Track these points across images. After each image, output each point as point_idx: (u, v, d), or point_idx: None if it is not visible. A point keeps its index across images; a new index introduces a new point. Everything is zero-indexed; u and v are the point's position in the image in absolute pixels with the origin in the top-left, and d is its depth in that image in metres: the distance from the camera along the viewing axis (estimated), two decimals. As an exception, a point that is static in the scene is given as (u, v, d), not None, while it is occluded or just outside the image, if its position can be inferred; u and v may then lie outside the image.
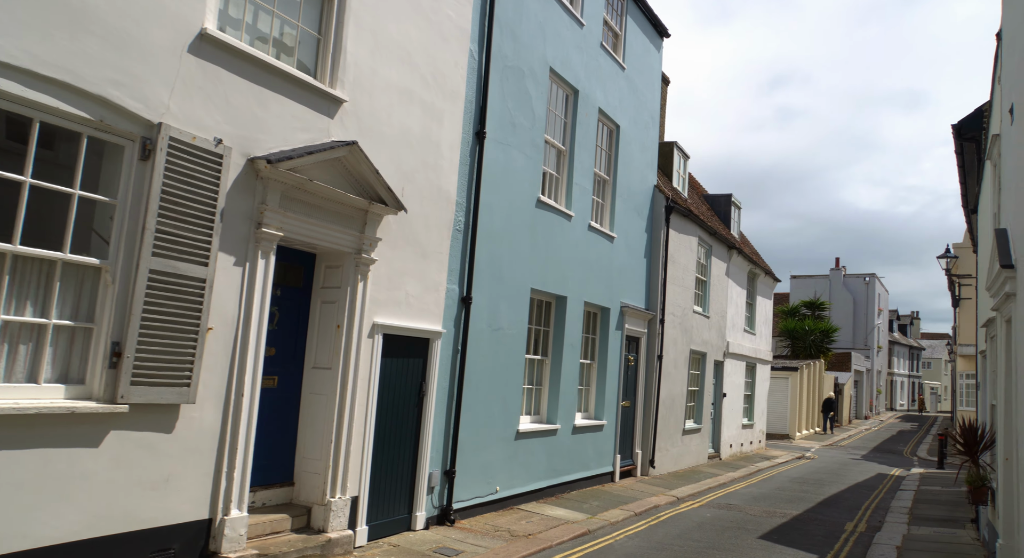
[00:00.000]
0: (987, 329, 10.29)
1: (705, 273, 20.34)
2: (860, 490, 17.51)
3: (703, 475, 17.85)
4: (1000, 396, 8.55)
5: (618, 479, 15.29)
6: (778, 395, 32.67)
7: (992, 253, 8.65)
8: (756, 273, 25.33)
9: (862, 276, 58.06)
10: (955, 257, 30.36)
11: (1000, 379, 8.63)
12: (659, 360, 16.81)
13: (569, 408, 13.31)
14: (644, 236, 16.62)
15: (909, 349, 76.91)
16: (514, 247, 11.48)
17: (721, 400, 21.85)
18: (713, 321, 20.76)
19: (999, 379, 8.77)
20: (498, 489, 11.23)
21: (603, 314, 14.88)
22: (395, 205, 8.51)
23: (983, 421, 11.23)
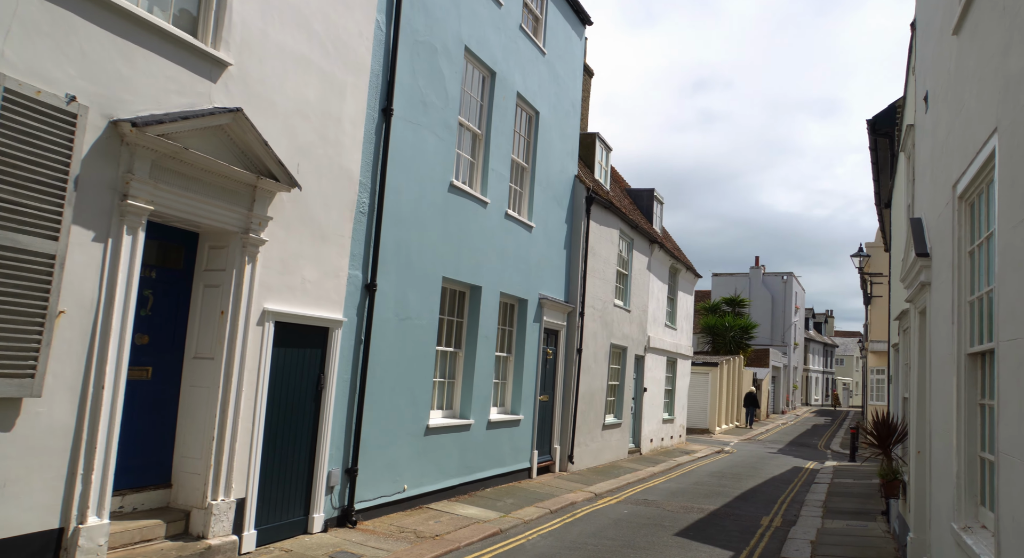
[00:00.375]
0: (900, 322, 10.23)
1: (626, 267, 20.12)
2: (776, 484, 17.53)
3: (623, 470, 17.59)
4: (913, 389, 8.42)
5: (535, 475, 14.85)
6: (699, 390, 32.92)
7: (907, 243, 8.51)
8: (678, 268, 25.33)
9: (780, 275, 59.45)
10: (867, 256, 31.11)
11: (913, 372, 8.51)
12: (579, 354, 16.46)
13: (484, 402, 12.79)
14: (564, 227, 16.22)
15: (824, 346, 79.29)
16: (424, 233, 10.88)
17: (642, 395, 21.70)
18: (634, 315, 20.57)
19: (912, 372, 8.66)
20: (406, 488, 10.62)
21: (520, 306, 14.41)
22: (287, 181, 7.81)
23: (895, 414, 11.18)
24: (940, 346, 6.51)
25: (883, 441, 8.73)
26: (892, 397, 11.83)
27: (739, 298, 44.24)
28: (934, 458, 6.72)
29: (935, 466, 6.67)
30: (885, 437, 8.80)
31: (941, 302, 6.46)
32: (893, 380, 11.75)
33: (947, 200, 6.20)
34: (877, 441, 8.76)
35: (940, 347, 6.51)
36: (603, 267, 17.92)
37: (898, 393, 11.04)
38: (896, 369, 11.53)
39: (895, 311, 11.65)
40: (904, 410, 9.74)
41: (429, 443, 11.17)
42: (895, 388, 11.60)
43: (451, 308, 12.27)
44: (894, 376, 11.60)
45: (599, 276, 17.64)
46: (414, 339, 10.70)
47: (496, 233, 13.07)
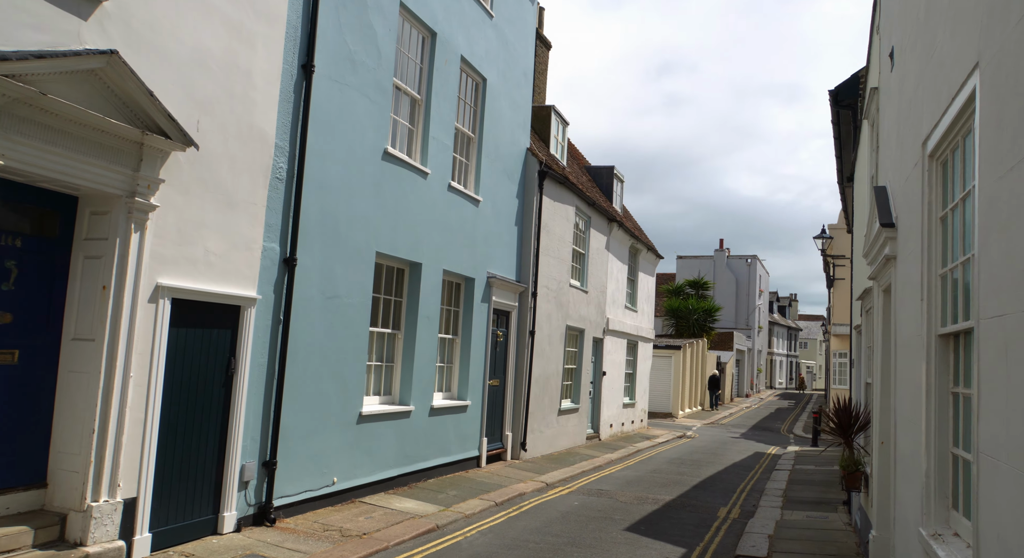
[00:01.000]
0: (863, 302, 9.58)
1: (583, 245, 19.38)
2: (737, 471, 16.99)
3: (579, 457, 16.92)
4: (876, 374, 7.76)
5: (485, 464, 14.10)
6: (661, 373, 32.44)
7: (870, 215, 7.82)
8: (638, 248, 24.67)
9: (744, 258, 59.28)
10: (830, 238, 30.68)
11: (876, 355, 7.85)
12: (531, 336, 15.70)
13: (426, 387, 11.98)
14: (515, 202, 15.40)
15: (788, 330, 79.64)
16: (355, 203, 10.00)
17: (601, 379, 21.05)
18: (592, 296, 19.86)
19: (875, 355, 8.00)
20: (335, 481, 9.79)
21: (467, 285, 13.59)
22: (180, 139, 6.88)
23: (857, 400, 10.57)
24: (907, 327, 5.82)
25: (844, 429, 8.08)
26: (854, 382, 11.23)
27: (703, 280, 43.83)
28: (899, 451, 6.05)
29: (900, 460, 6.00)
30: (846, 425, 8.15)
31: (908, 277, 5.77)
32: (855, 364, 11.14)
33: (916, 160, 5.48)
34: (838, 429, 8.12)
35: (907, 328, 5.82)
36: (558, 245, 17.15)
37: (860, 378, 10.43)
38: (858, 352, 10.91)
39: (857, 291, 11.02)
40: (867, 396, 9.11)
41: (363, 432, 10.35)
42: (857, 372, 10.98)
43: (388, 286, 11.41)
44: (856, 360, 10.99)
45: (553, 255, 16.88)
46: (344, 319, 9.84)
47: (438, 206, 12.22)
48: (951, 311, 4.67)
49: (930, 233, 5.03)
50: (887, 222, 6.38)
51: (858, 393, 10.46)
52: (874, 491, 7.52)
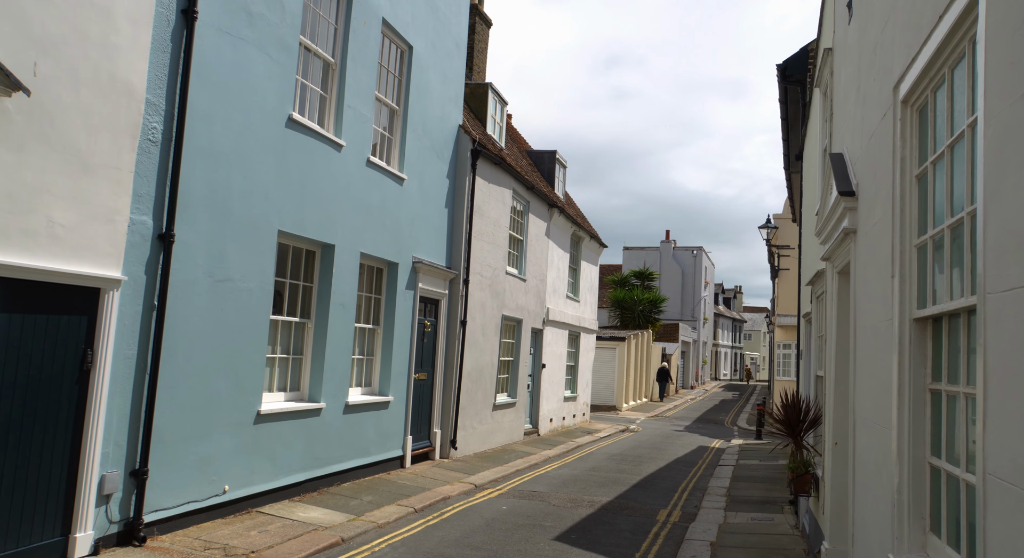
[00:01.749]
0: (813, 287, 8.77)
1: (521, 231, 18.39)
2: (679, 467, 16.23)
3: (514, 455, 15.96)
4: (829, 366, 6.93)
5: (410, 465, 13.03)
6: (605, 366, 31.72)
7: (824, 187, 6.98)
8: (580, 236, 23.79)
9: (690, 249, 59.12)
10: (775, 228, 30.32)
11: (830, 345, 7.02)
12: (463, 326, 14.65)
13: (340, 382, 10.85)
14: (446, 183, 14.32)
15: (733, 321, 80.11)
16: (252, 175, 8.81)
17: (540, 371, 20.12)
18: (531, 285, 18.89)
19: (828, 345, 7.18)
20: (227, 489, 8.61)
21: (390, 270, 12.48)
22: (2, 81, 5.64)
23: (806, 394, 9.78)
24: (870, 311, 4.94)
25: (792, 427, 7.26)
26: (803, 374, 10.44)
27: (648, 271, 43.31)
28: (859, 456, 5.18)
29: (860, 466, 5.13)
30: (795, 422, 7.33)
31: (872, 252, 4.88)
32: (804, 355, 10.34)
33: (884, 110, 4.59)
34: (785, 427, 7.30)
35: (870, 312, 4.94)
36: (493, 230, 16.13)
37: (810, 370, 9.65)
38: (807, 343, 10.12)
39: (807, 276, 10.23)
40: (818, 390, 8.32)
41: (262, 433, 9.19)
42: (806, 364, 10.20)
43: (296, 270, 10.24)
44: (805, 350, 10.21)
45: (488, 240, 15.85)
46: (239, 306, 8.66)
47: (355, 183, 11.07)
48: (931, 289, 3.78)
49: (903, 196, 4.13)
50: (846, 190, 5.50)
51: (807, 386, 9.68)
52: (826, 497, 6.69)
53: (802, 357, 10.33)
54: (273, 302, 9.67)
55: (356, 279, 11.18)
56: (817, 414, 7.35)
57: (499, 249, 16.49)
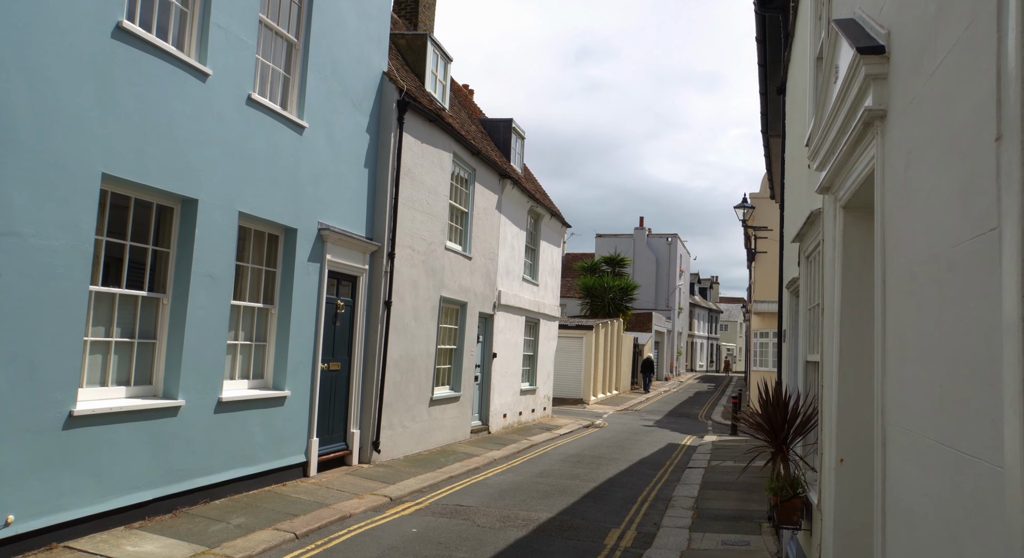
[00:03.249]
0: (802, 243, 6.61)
1: (465, 202, 16.19)
2: (643, 469, 14.15)
3: (453, 457, 13.80)
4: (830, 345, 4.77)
5: (315, 473, 10.82)
6: (571, 356, 29.66)
7: (821, 89, 4.84)
8: (540, 213, 21.62)
9: (665, 237, 57.21)
10: (751, 207, 28.41)
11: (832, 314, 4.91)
12: (387, 307, 12.45)
13: (209, 373, 8.62)
14: (365, 138, 12.08)
15: (709, 312, 78.47)
16: (58, 97, 6.54)
17: (491, 361, 17.96)
18: (478, 264, 16.71)
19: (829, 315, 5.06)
20: (10, 520, 6.35)
21: (287, 238, 10.25)
22: None
23: (790, 387, 7.67)
24: (929, 236, 2.79)
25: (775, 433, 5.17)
26: (786, 361, 8.26)
27: (619, 257, 41.23)
28: (898, 492, 3.04)
29: (901, 510, 3.00)
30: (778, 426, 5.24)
31: (932, 127, 2.73)
32: (789, 336, 8.16)
33: None
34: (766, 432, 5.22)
35: (929, 238, 2.79)
36: (428, 198, 13.91)
37: (796, 356, 7.54)
38: (793, 321, 7.98)
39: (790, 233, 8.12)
40: (808, 382, 6.22)
41: (77, 441, 6.93)
42: (791, 349, 8.05)
43: (141, 229, 7.97)
44: (790, 331, 8.04)
45: (422, 209, 13.63)
46: (30, 271, 6.39)
47: (231, 124, 8.82)
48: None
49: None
50: (868, 46, 3.35)
51: (792, 377, 7.57)
52: (826, 536, 4.59)
53: (785, 339, 8.17)
54: (104, 269, 7.43)
55: (234, 245, 8.94)
56: (809, 414, 5.26)
57: (436, 221, 14.29)
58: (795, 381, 7.13)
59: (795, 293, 7.56)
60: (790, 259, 7.54)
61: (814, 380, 5.91)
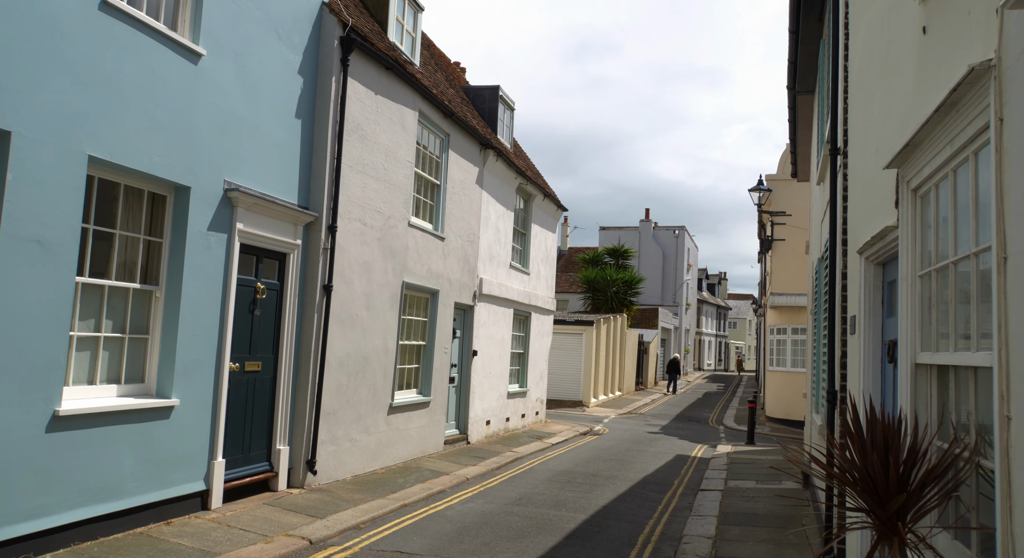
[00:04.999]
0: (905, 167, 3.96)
1: (437, 173, 13.73)
2: (646, 492, 11.69)
3: (415, 477, 11.37)
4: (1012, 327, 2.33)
5: (218, 503, 8.39)
6: (569, 354, 27.21)
7: None
8: (531, 193, 19.15)
9: (672, 229, 54.60)
10: (768, 190, 25.96)
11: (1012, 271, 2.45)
12: (327, 293, 10.01)
13: (34, 378, 6.19)
14: (297, 82, 9.65)
15: (717, 308, 75.85)
16: None
17: (471, 360, 15.51)
18: (454, 246, 14.26)
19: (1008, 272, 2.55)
20: None
21: (178, 198, 7.81)
22: None
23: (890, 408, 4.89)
24: None
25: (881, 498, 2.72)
26: (859, 364, 5.32)
27: (623, 248, 38.65)
28: None
29: None
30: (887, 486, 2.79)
31: None
32: (863, 326, 5.28)
33: None
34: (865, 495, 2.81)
35: None
36: (385, 163, 11.47)
37: (881, 355, 4.93)
38: (877, 299, 5.21)
39: (877, 160, 5.55)
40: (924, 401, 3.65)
41: None
42: (868, 344, 5.27)
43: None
44: (865, 317, 5.19)
45: (377, 176, 11.19)
46: None
47: (71, 33, 6.38)
48: None
49: None
50: None
51: (873, 386, 4.94)
52: None
53: (855, 330, 5.43)
54: None
55: (79, 201, 6.50)
56: (948, 461, 2.80)
57: (397, 191, 11.84)
58: (881, 393, 4.67)
59: (875, 258, 5.02)
60: (865, 205, 5.03)
61: (937, 398, 3.46)
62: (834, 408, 7.15)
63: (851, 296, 5.69)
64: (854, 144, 5.76)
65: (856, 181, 5.54)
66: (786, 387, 25.26)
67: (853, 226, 5.53)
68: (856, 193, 5.55)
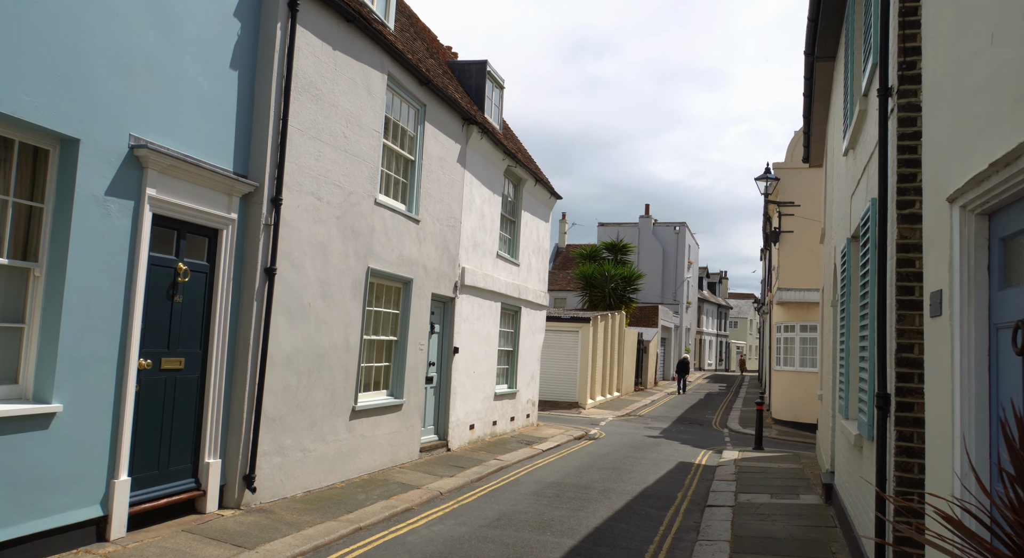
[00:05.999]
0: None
1: (412, 147, 12.19)
2: (646, 509, 10.15)
3: (381, 492, 9.85)
4: None
5: (120, 533, 6.86)
6: (565, 353, 25.68)
7: None
8: (521, 177, 17.60)
9: (672, 225, 53.04)
10: (776, 179, 24.50)
11: None
12: (270, 278, 8.47)
13: None
14: (234, 26, 8.11)
15: (718, 307, 74.30)
16: None
17: (452, 358, 13.97)
18: (431, 230, 12.72)
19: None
20: None
21: (64, 152, 6.28)
22: None
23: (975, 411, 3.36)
24: None
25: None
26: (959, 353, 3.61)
27: (622, 243, 37.07)
28: None
29: None
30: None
31: None
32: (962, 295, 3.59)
33: None
34: None
35: None
36: (346, 130, 9.93)
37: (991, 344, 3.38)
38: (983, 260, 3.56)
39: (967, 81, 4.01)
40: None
41: None
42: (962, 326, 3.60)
43: None
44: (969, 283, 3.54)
45: (336, 144, 9.66)
46: None
47: None
48: None
49: None
50: None
51: (969, 384, 3.37)
52: None
53: (940, 310, 3.65)
54: None
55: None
56: None
57: (361, 163, 10.30)
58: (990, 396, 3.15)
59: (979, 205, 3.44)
60: (959, 135, 3.46)
61: None
62: (886, 416, 5.62)
63: (928, 265, 4.14)
64: (933, 59, 4.22)
65: (939, 106, 4.01)
66: (794, 388, 23.75)
67: (934, 169, 4.00)
68: (939, 123, 4.01)
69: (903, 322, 5.45)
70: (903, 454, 5.36)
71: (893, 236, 5.63)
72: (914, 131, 5.62)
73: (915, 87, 5.63)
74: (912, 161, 5.60)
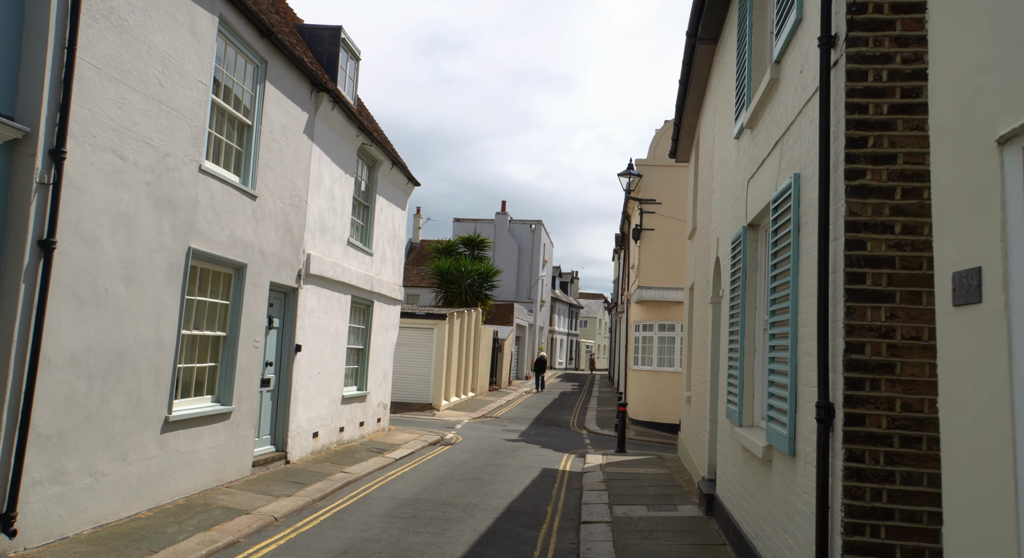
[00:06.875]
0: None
1: (249, 111, 10.36)
2: (515, 529, 8.89)
3: (197, 522, 8.04)
4: None
5: None
6: (419, 352, 24.20)
7: None
8: (377, 159, 15.97)
9: (528, 223, 52.61)
10: (638, 175, 24.04)
11: None
12: (47, 253, 6.51)
13: None
14: (-2, -85, 6.11)
15: (569, 307, 75.00)
16: None
17: (293, 357, 12.18)
18: (270, 208, 10.92)
19: None
20: None
21: None
22: None
23: None
24: None
25: None
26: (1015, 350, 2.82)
27: (479, 238, 35.97)
28: None
29: None
30: None
31: None
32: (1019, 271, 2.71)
33: None
34: None
35: None
36: (162, 76, 8.04)
37: None
38: None
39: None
40: None
41: None
42: None
43: None
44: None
45: (147, 92, 7.75)
46: None
47: None
48: None
49: None
50: None
51: None
52: None
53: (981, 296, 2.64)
54: None
55: None
56: None
57: (181, 120, 8.42)
58: None
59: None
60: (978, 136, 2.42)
61: None
62: (828, 430, 4.60)
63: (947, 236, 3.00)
64: None
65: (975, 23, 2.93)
66: (652, 388, 23.42)
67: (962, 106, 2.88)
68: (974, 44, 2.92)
69: (853, 317, 4.46)
70: (853, 477, 4.36)
71: (840, 213, 4.63)
72: (865, 86, 4.66)
73: (867, 34, 4.67)
74: (863, 122, 4.62)
